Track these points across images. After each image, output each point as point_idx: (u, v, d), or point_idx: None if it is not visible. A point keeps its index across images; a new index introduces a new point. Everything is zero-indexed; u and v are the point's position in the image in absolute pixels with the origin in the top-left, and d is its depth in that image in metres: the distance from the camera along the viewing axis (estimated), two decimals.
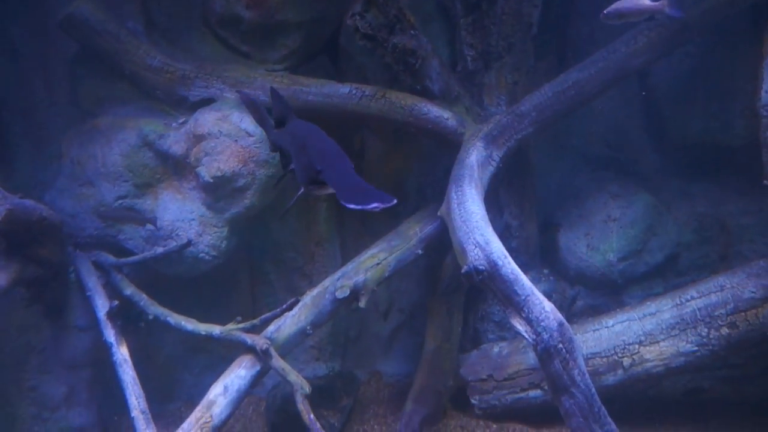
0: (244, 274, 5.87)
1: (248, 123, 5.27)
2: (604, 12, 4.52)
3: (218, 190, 5.29)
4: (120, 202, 5.43)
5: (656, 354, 4.96)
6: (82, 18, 5.44)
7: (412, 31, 5.13)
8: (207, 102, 5.50)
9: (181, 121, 5.52)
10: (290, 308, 4.93)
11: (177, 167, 5.46)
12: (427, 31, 5.40)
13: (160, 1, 5.70)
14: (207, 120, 5.32)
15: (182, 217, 5.39)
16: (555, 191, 6.03)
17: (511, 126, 5.20)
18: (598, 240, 5.73)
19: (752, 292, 4.85)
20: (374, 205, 2.66)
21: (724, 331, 4.85)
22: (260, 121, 3.88)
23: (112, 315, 5.13)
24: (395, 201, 2.75)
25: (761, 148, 4.90)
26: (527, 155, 5.61)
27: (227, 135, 5.25)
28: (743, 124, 5.48)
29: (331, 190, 2.97)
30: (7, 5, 5.60)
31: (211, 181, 5.23)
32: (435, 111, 5.27)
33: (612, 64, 5.21)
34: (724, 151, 5.75)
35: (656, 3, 4.47)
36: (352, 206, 2.71)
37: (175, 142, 5.41)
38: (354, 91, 5.33)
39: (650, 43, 5.19)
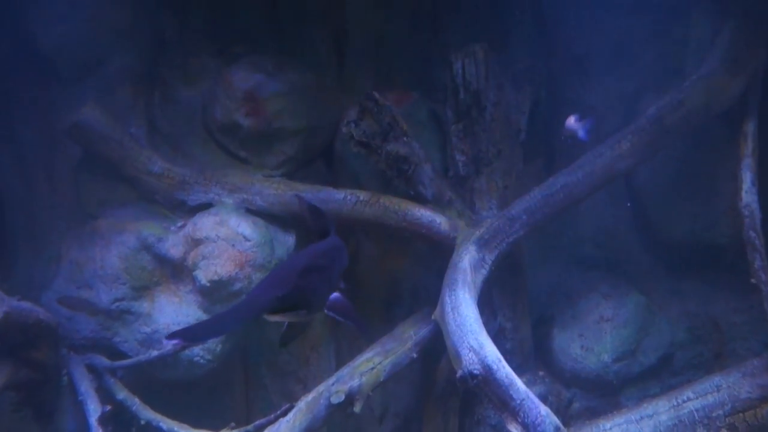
0: (238, 378, 5.63)
1: (245, 227, 5.21)
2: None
3: (215, 294, 5.15)
4: (117, 304, 5.27)
5: None
6: (88, 125, 5.42)
7: (405, 139, 5.15)
8: (205, 206, 5.43)
9: (179, 224, 5.43)
10: (285, 414, 4.77)
11: (174, 270, 5.33)
12: (420, 137, 5.40)
13: (162, 108, 5.72)
14: (205, 224, 5.25)
15: (178, 320, 5.21)
16: (547, 292, 5.92)
17: (502, 229, 5.10)
18: (592, 341, 5.59)
19: (749, 392, 4.66)
20: (175, 341, 2.62)
21: None
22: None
23: (103, 420, 4.88)
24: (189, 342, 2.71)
25: (746, 246, 4.87)
26: (519, 257, 5.50)
27: (225, 239, 5.16)
28: (728, 223, 5.43)
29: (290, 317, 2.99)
30: (19, 111, 5.65)
31: (208, 284, 5.10)
32: (428, 215, 5.20)
33: (598, 168, 5.18)
34: (711, 249, 5.69)
35: (577, 125, 4.98)
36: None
37: (173, 246, 5.30)
38: (349, 197, 5.28)
39: (633, 147, 5.19)
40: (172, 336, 2.64)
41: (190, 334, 2.74)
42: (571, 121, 5.03)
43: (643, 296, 5.73)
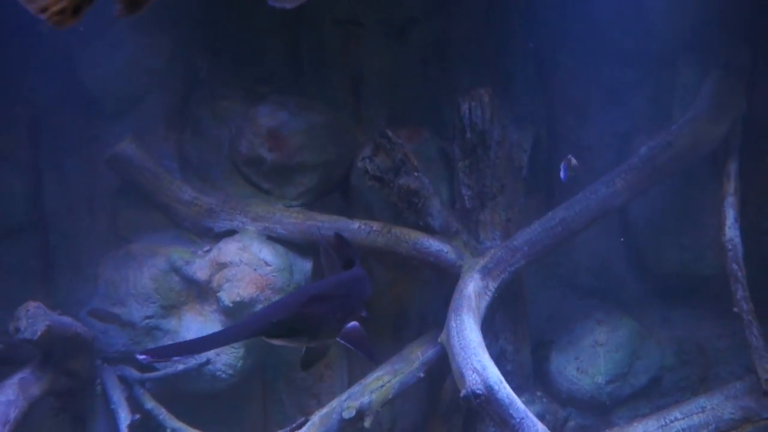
0: (257, 392, 5.79)
1: (266, 253, 5.41)
2: None
3: (237, 314, 5.34)
4: (147, 321, 5.47)
5: None
6: (125, 157, 5.68)
7: (415, 174, 5.33)
8: (230, 233, 5.63)
9: (206, 249, 5.64)
10: (300, 427, 4.90)
11: (200, 291, 5.53)
12: (429, 172, 5.59)
13: (193, 142, 5.96)
14: (230, 249, 5.46)
15: None
16: (546, 317, 6.06)
17: (504, 259, 5.29)
18: (587, 364, 5.73)
19: (731, 413, 4.84)
20: (143, 357, 2.63)
21: None
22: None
23: (133, 427, 5.06)
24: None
25: (729, 278, 5.07)
26: (520, 285, 5.66)
27: (247, 264, 5.37)
28: (713, 255, 5.59)
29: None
30: (64, 143, 5.92)
31: (231, 305, 5.30)
32: (436, 245, 5.37)
33: (594, 203, 5.39)
34: (698, 279, 5.86)
35: (561, 166, 5.06)
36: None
37: (199, 269, 5.51)
38: (363, 227, 5.46)
39: (626, 185, 5.41)
40: (144, 353, 2.61)
41: (161, 353, 2.74)
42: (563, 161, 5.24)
43: (634, 322, 5.88)
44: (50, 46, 5.42)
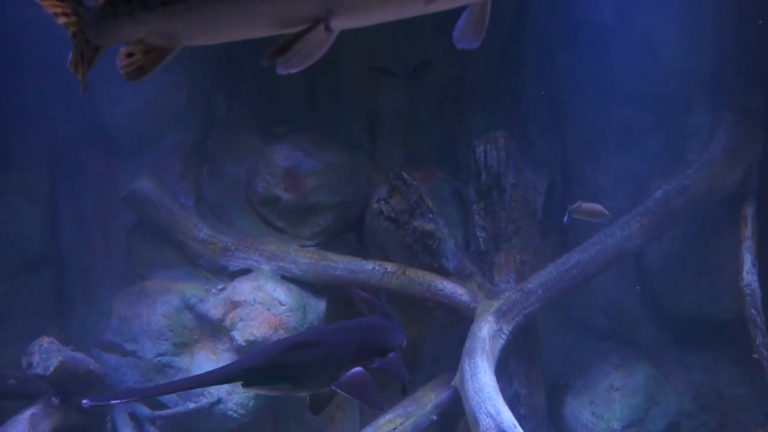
0: None
1: (280, 293, 5.37)
2: None
3: None
4: (159, 358, 5.43)
5: None
6: (142, 194, 5.71)
7: (430, 215, 5.30)
8: (245, 272, 5.60)
9: (220, 287, 5.61)
10: None
11: (213, 330, 5.49)
12: (444, 213, 5.55)
13: (209, 180, 5.99)
14: (244, 288, 5.42)
15: None
16: (560, 360, 5.97)
17: (519, 302, 5.22)
18: (603, 408, 5.62)
19: None
20: (85, 401, 2.50)
21: None
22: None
23: None
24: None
25: (748, 323, 4.97)
26: (534, 328, 5.58)
27: (261, 303, 5.33)
28: (730, 299, 5.50)
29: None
30: (82, 179, 5.98)
31: (244, 344, 5.25)
32: (450, 287, 5.31)
33: (609, 247, 5.34)
34: (716, 323, 5.76)
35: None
36: None
37: (213, 307, 5.48)
38: (377, 268, 5.42)
39: (642, 228, 5.36)
40: (89, 399, 2.49)
41: (109, 398, 2.62)
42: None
43: (651, 367, 5.76)
44: (70, 84, 5.46)
